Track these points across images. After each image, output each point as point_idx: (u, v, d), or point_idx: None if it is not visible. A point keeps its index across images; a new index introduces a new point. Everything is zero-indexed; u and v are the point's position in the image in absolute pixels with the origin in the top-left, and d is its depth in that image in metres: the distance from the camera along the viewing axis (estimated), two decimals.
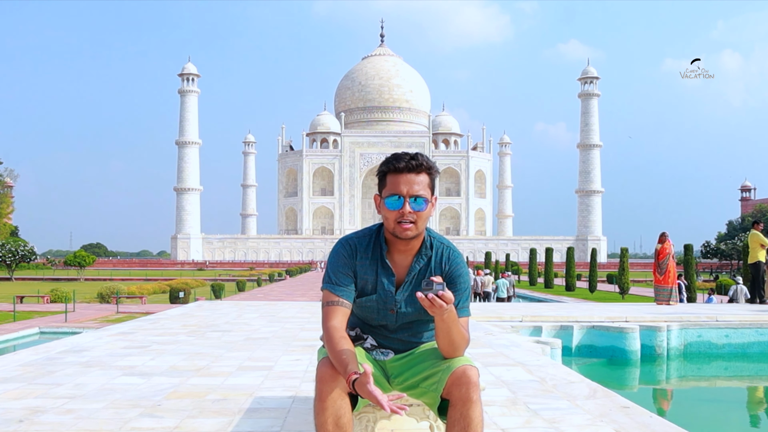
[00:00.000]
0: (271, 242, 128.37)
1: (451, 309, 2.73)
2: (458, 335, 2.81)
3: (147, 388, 5.33)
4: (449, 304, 2.68)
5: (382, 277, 2.95)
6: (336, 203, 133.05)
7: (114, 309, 22.38)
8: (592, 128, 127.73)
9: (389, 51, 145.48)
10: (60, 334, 14.74)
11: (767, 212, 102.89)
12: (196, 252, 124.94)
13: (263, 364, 6.53)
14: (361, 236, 3.00)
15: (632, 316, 11.90)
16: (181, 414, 4.46)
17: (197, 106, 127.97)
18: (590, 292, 32.55)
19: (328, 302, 2.89)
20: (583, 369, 9.74)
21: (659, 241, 16.67)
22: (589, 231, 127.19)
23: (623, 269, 28.77)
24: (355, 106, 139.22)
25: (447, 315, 2.72)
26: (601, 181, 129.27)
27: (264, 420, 4.33)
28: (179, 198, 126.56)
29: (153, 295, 32.66)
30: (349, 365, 2.65)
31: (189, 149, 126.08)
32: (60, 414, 4.45)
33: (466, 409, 2.69)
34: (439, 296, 2.64)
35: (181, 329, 9.81)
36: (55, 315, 19.85)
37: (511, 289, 29.08)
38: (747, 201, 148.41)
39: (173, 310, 14.24)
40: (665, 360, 10.78)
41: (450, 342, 2.81)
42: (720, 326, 11.36)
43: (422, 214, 2.84)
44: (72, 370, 6.17)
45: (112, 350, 7.53)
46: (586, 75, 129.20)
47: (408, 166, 2.84)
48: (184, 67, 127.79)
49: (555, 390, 5.29)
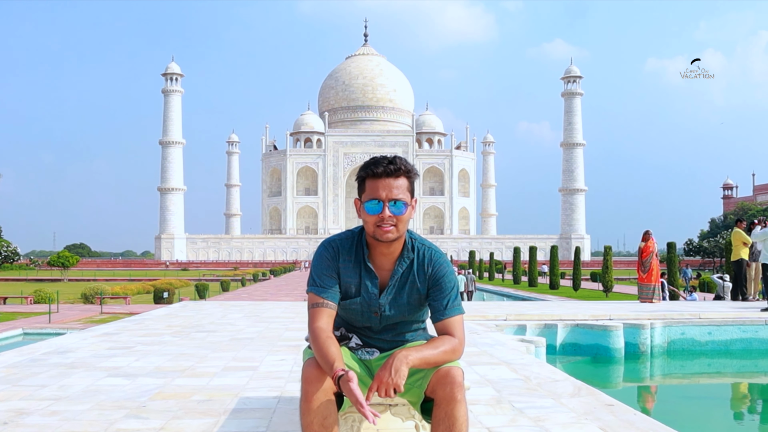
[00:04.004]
0: (255, 242, 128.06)
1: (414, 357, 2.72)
2: (440, 357, 2.80)
3: (132, 389, 5.31)
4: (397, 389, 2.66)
5: (365, 280, 2.95)
6: (320, 203, 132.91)
7: (98, 310, 22.24)
8: (575, 127, 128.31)
9: (373, 50, 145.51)
10: (44, 335, 14.63)
11: (749, 210, 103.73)
12: (180, 252, 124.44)
13: (248, 365, 6.52)
14: (343, 238, 3.01)
15: (616, 314, 11.96)
16: (166, 415, 4.45)
17: (181, 106, 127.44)
18: (574, 291, 32.64)
19: (314, 304, 2.90)
20: (567, 367, 9.78)
21: (643, 239, 16.77)
22: (573, 229, 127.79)
23: (607, 267, 28.87)
24: (339, 106, 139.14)
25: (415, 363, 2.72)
26: (585, 180, 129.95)
27: (249, 420, 4.33)
28: (163, 198, 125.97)
29: (137, 296, 32.49)
30: (335, 363, 2.67)
31: (173, 149, 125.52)
32: (45, 416, 4.43)
33: (450, 409, 2.70)
34: None
35: (166, 330, 9.78)
36: (38, 316, 19.69)
37: (471, 284, 30.08)
38: (729, 199, 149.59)
39: (157, 310, 14.17)
40: (649, 357, 10.84)
41: (443, 362, 2.81)
42: (703, 323, 11.44)
43: (402, 218, 2.85)
44: (56, 371, 6.13)
45: (97, 351, 7.49)
46: (569, 74, 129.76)
47: (386, 171, 2.84)
48: (167, 66, 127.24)
49: (540, 388, 5.32)
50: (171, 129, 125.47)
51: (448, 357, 2.82)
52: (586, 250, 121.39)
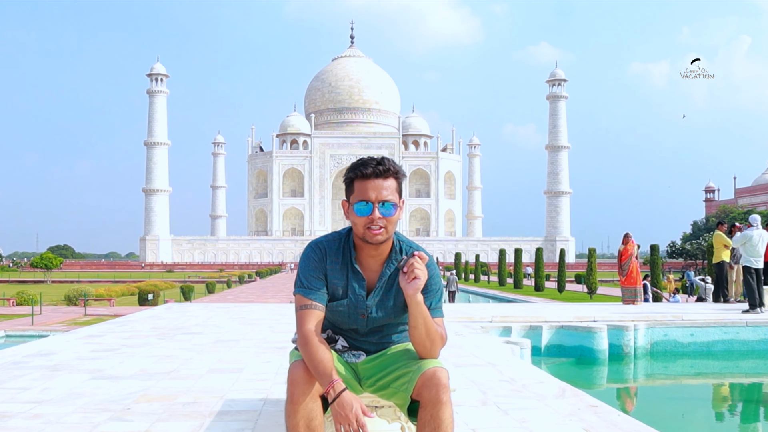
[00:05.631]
0: (241, 243, 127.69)
1: (422, 300, 2.84)
2: (433, 327, 2.86)
3: (116, 391, 5.29)
4: (424, 261, 2.82)
5: (352, 282, 2.95)
6: (306, 204, 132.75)
7: (82, 312, 22.12)
8: (560, 130, 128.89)
9: (359, 52, 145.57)
10: (27, 337, 14.56)
11: (731, 213, 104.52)
12: (165, 254, 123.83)
13: (234, 367, 6.51)
14: (330, 240, 3.00)
15: (600, 315, 12.04)
16: (151, 417, 4.43)
17: (166, 107, 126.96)
18: (559, 293, 32.77)
19: (302, 306, 2.89)
20: (552, 369, 9.83)
21: (623, 242, 16.90)
22: (558, 231, 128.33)
23: (591, 269, 29.05)
24: (325, 108, 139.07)
25: (419, 301, 2.81)
26: (569, 182, 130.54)
27: (235, 423, 4.33)
28: (148, 199, 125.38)
29: (121, 298, 32.32)
30: (332, 374, 2.71)
31: (157, 150, 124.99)
32: (27, 419, 4.40)
33: (436, 411, 2.72)
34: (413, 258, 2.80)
35: (151, 332, 9.74)
36: (21, 318, 19.56)
37: (453, 284, 30.79)
38: (711, 202, 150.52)
39: (142, 312, 14.11)
40: (632, 359, 10.92)
41: (427, 333, 2.85)
42: (685, 325, 11.54)
43: (391, 219, 2.86)
44: (39, 373, 6.10)
45: (81, 353, 7.45)
46: (554, 77, 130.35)
47: (375, 172, 2.84)
48: (152, 67, 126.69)
49: (525, 390, 5.35)
50: (156, 130, 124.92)
51: (435, 336, 2.88)
52: (570, 252, 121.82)
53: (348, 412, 2.64)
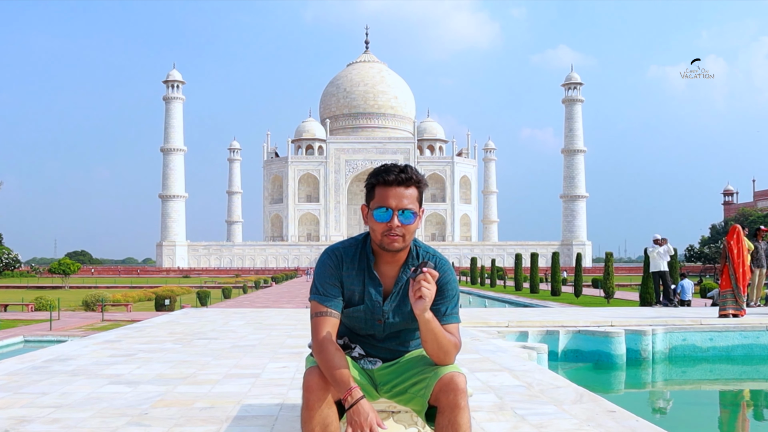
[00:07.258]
0: (257, 249, 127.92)
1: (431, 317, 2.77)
2: (445, 339, 2.82)
3: (134, 396, 5.31)
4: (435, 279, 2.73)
5: (369, 288, 2.95)
6: (322, 210, 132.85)
7: (99, 317, 22.23)
8: (576, 133, 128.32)
9: (374, 57, 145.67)
10: (45, 342, 14.63)
11: (750, 216, 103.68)
12: (181, 259, 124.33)
13: (250, 372, 6.52)
14: (347, 246, 3.00)
15: (617, 320, 11.95)
16: (168, 422, 4.45)
17: (182, 113, 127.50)
18: (575, 297, 32.59)
19: (317, 313, 2.89)
20: (569, 374, 9.78)
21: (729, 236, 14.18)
22: (574, 236, 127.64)
23: (608, 273, 28.86)
24: (340, 113, 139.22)
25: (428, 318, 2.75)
26: (586, 186, 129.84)
27: (251, 428, 4.33)
28: (164, 205, 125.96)
29: (138, 303, 32.46)
30: (349, 381, 2.71)
31: (174, 156, 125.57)
32: (46, 423, 4.43)
33: (454, 416, 2.71)
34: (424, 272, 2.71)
35: (168, 337, 9.78)
36: (39, 323, 19.69)
37: None
38: (729, 205, 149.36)
39: (159, 317, 14.17)
40: (651, 364, 10.83)
41: (439, 346, 2.82)
42: (704, 329, 11.44)
43: (410, 228, 2.85)
44: (58, 378, 6.13)
45: (98, 359, 7.49)
46: (569, 81, 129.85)
47: (398, 179, 2.84)
48: (168, 73, 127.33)
49: (542, 395, 5.32)
50: (172, 136, 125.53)
51: (449, 345, 2.84)
52: (587, 256, 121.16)
53: (363, 421, 2.64)
